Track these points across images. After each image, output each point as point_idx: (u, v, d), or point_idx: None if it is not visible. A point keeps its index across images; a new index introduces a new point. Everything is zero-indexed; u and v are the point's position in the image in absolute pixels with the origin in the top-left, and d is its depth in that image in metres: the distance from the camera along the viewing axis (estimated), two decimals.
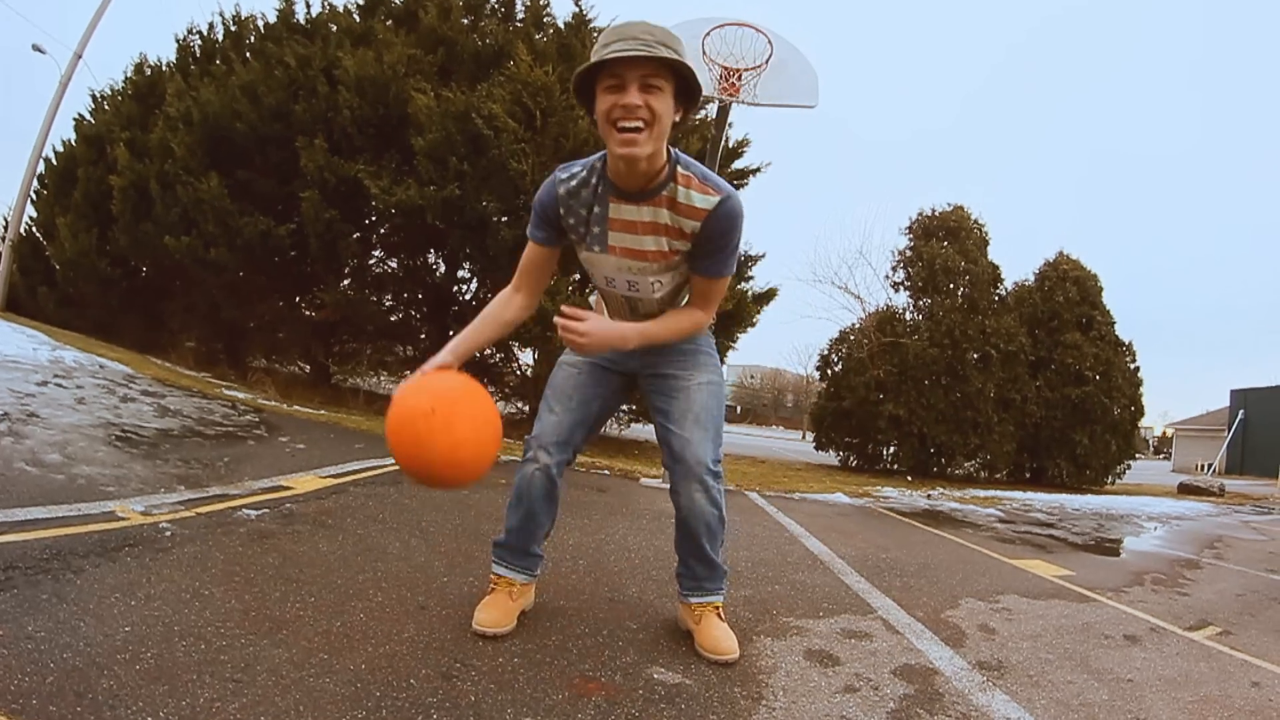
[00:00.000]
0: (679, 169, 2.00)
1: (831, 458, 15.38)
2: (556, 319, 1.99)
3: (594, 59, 1.85)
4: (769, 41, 6.33)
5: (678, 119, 1.95)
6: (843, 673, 2.22)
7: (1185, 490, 15.18)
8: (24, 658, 1.60)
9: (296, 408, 8.10)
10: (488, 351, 12.16)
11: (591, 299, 2.55)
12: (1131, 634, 3.12)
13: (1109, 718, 2.11)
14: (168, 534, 2.70)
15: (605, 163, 2.05)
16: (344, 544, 2.96)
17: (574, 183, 2.07)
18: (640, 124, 1.84)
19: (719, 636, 2.23)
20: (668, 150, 2.00)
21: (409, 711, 1.66)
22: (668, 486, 2.25)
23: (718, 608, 2.33)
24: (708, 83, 6.32)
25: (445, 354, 2.07)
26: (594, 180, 2.06)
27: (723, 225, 2.02)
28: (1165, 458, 50.37)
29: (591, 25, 11.11)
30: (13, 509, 2.65)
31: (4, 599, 1.89)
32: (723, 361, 2.44)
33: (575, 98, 2.01)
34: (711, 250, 2.06)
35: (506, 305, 2.23)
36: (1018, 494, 11.10)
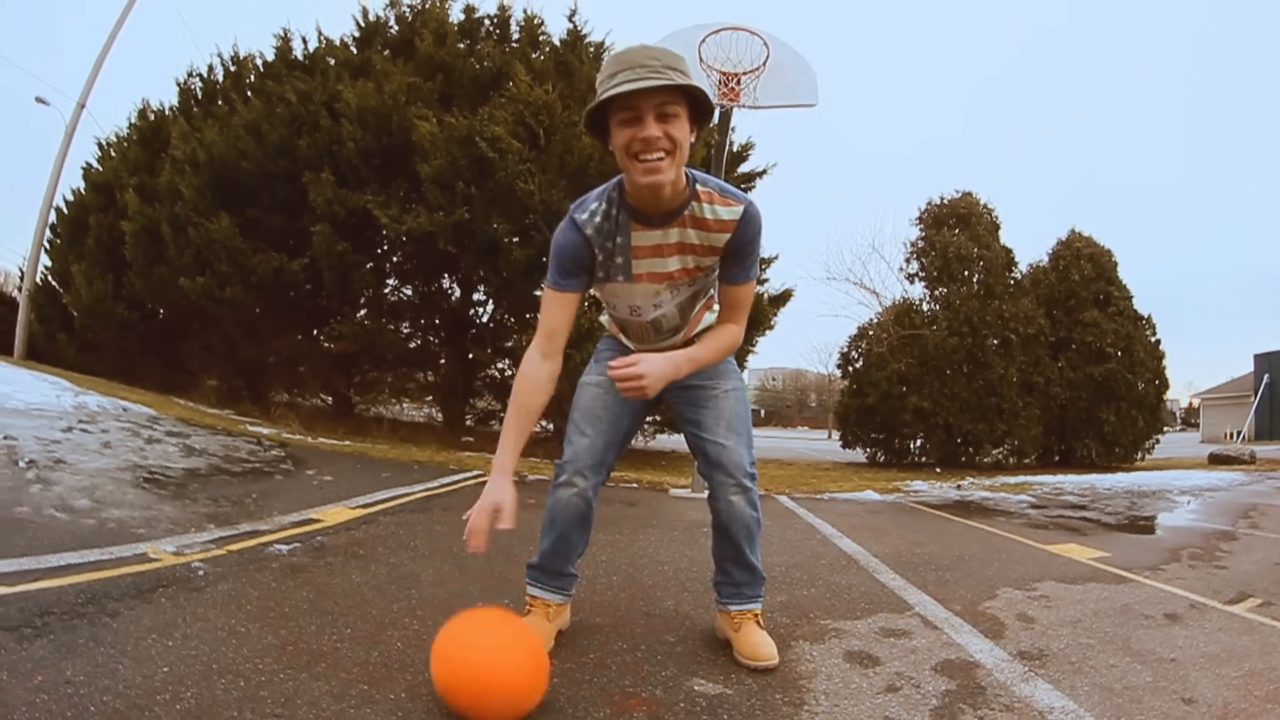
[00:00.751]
0: (698, 186, 1.99)
1: (859, 455, 15.30)
2: (611, 374, 1.96)
3: (603, 92, 1.81)
4: (765, 44, 6.34)
5: (693, 139, 1.91)
6: (883, 672, 2.20)
7: (1216, 460, 14.88)
8: (64, 702, 1.61)
9: (321, 440, 8.16)
10: (509, 372, 12.20)
11: (603, 318, 2.53)
12: (1171, 612, 3.07)
13: (1154, 699, 2.07)
14: (201, 573, 2.71)
15: (621, 191, 2.01)
16: (377, 574, 2.97)
17: (597, 219, 2.02)
18: (662, 154, 1.82)
19: (758, 643, 2.21)
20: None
21: None
22: (698, 496, 2.24)
23: (757, 615, 2.32)
24: (707, 89, 6.33)
25: (506, 482, 1.90)
26: (614, 211, 2.02)
27: (750, 232, 2.02)
28: (1183, 429, 49.62)
29: (587, 40, 11.18)
30: (45, 555, 2.67)
31: (42, 645, 1.91)
32: (743, 366, 2.42)
33: (586, 132, 1.96)
34: (741, 257, 2.06)
35: (535, 389, 2.06)
36: (1048, 478, 10.99)
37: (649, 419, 11.42)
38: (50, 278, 14.99)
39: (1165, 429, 16.77)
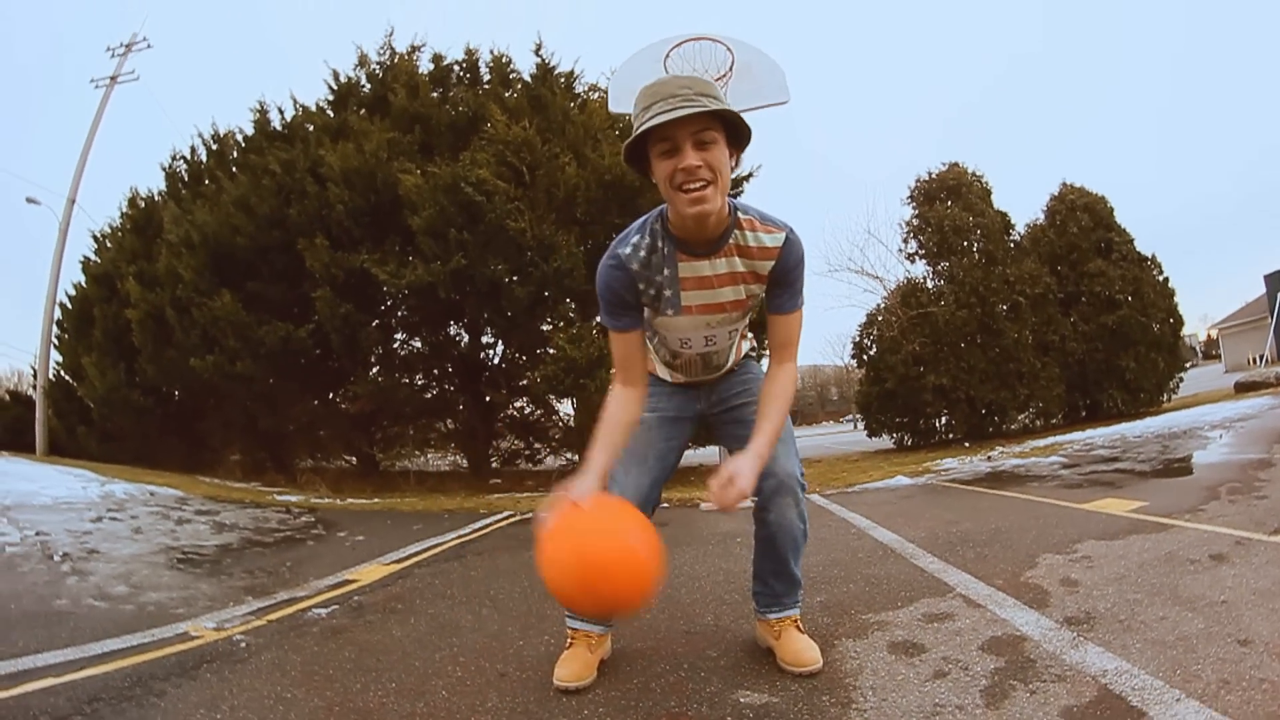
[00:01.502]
0: (740, 214, 1.98)
1: (886, 441, 15.20)
2: (718, 506, 1.86)
3: (640, 125, 1.80)
4: (729, 49, 6.38)
5: (734, 164, 1.90)
6: (930, 659, 2.18)
7: (1242, 389, 14.56)
8: None
9: (350, 501, 8.20)
10: (527, 409, 12.24)
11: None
12: (1217, 553, 3.01)
13: (1208, 646, 2.03)
14: (243, 645, 2.73)
15: (664, 223, 1.99)
16: (417, 626, 2.98)
17: (641, 253, 2.00)
18: (704, 183, 1.80)
19: (800, 649, 2.20)
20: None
21: None
22: (741, 507, 2.16)
23: (796, 620, 2.31)
24: None
25: (593, 479, 1.87)
26: (659, 244, 2.00)
27: (795, 258, 2.01)
28: (1200, 363, 48.79)
29: (557, 72, 11.26)
30: (88, 644, 2.71)
31: None
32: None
33: (627, 165, 1.95)
34: (787, 284, 2.05)
35: (625, 406, 2.08)
36: (1077, 435, 10.86)
37: None
38: (63, 372, 15.18)
39: (1187, 365, 16.52)
